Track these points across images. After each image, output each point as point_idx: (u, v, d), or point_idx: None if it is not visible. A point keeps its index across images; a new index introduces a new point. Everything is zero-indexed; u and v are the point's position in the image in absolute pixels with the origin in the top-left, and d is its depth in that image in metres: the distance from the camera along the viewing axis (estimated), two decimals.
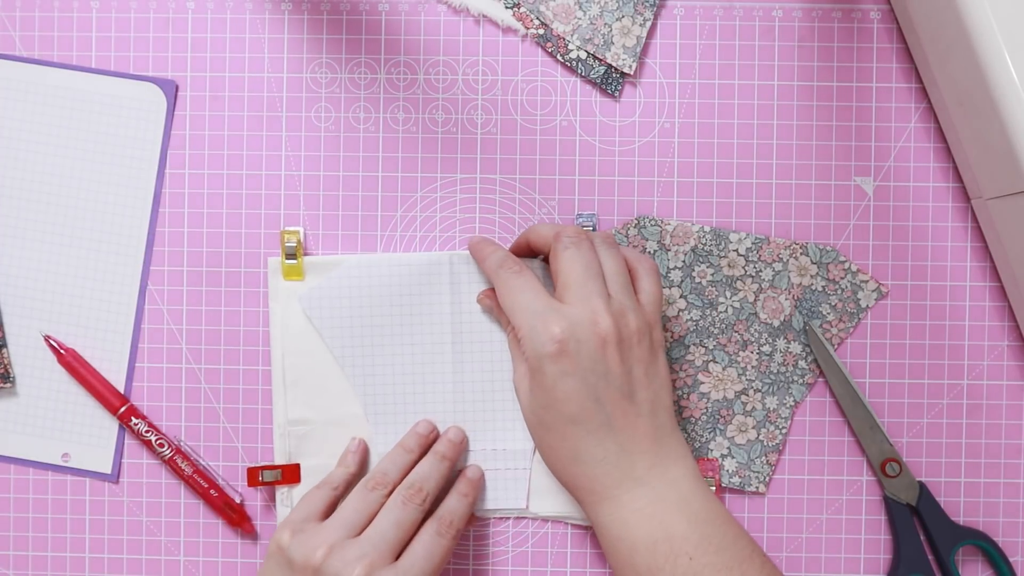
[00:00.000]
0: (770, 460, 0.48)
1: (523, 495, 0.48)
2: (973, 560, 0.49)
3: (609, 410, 0.40)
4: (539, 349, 0.40)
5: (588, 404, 0.40)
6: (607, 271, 0.43)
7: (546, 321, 0.40)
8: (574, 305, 0.41)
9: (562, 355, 0.40)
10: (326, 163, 0.49)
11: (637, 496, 0.40)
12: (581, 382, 0.40)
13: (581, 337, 0.40)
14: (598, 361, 0.40)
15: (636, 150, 0.49)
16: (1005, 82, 0.41)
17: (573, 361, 0.40)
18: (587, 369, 0.40)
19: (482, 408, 0.48)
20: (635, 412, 0.41)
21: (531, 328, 0.41)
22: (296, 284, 0.48)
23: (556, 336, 0.40)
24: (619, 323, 0.41)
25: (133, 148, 0.49)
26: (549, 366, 0.40)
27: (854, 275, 0.48)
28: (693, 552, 0.39)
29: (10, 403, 0.50)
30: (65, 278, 0.49)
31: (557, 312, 0.41)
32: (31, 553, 0.50)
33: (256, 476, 0.47)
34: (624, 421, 0.41)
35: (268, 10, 0.49)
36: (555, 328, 0.40)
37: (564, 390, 0.40)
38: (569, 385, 0.40)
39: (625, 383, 0.41)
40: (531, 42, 0.49)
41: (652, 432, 0.41)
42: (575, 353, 0.40)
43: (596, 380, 0.40)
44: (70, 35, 0.49)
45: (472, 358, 0.48)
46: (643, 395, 0.41)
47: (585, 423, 0.40)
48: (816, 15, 0.49)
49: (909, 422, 0.49)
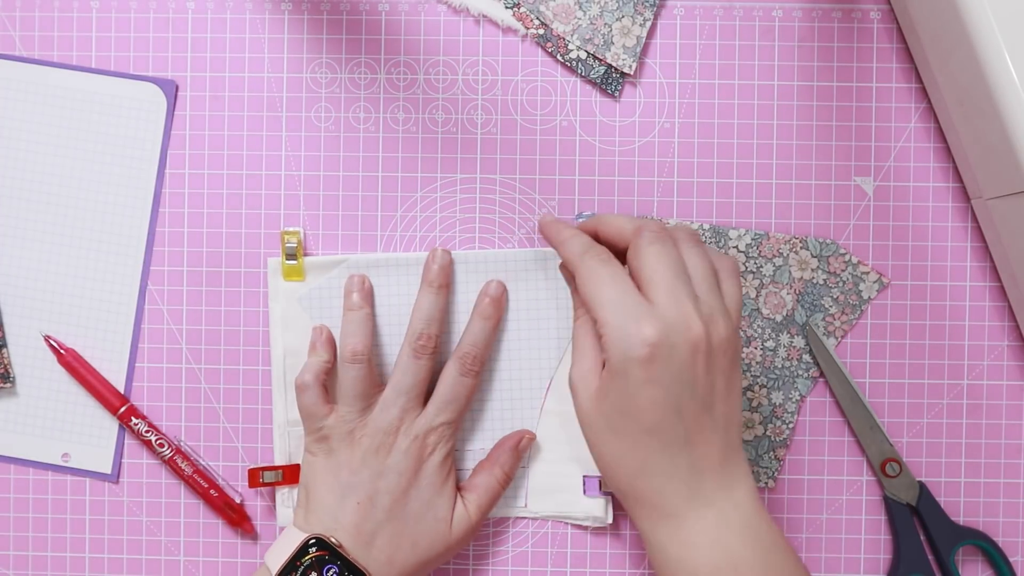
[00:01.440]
0: (778, 455, 0.48)
1: (522, 495, 0.49)
2: (973, 560, 0.49)
3: (688, 424, 0.38)
4: (629, 351, 0.37)
5: (669, 416, 0.38)
6: (694, 272, 0.39)
7: (639, 321, 0.37)
8: (666, 307, 0.37)
9: (653, 361, 0.37)
10: (326, 163, 0.49)
11: (702, 516, 0.38)
12: (666, 392, 0.37)
13: (675, 343, 0.37)
14: (686, 370, 0.38)
15: (636, 150, 0.49)
16: (1005, 82, 0.41)
17: (663, 369, 0.37)
18: (674, 379, 0.37)
19: (480, 408, 0.48)
20: (711, 427, 0.39)
21: (621, 327, 0.37)
22: (296, 284, 0.48)
23: (649, 339, 0.37)
24: (709, 329, 0.38)
25: (133, 148, 0.49)
26: (636, 371, 0.37)
27: (855, 267, 0.48)
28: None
29: (10, 403, 0.50)
30: (65, 278, 0.49)
31: (651, 313, 0.37)
32: (31, 553, 0.50)
33: (257, 477, 0.47)
34: (700, 437, 0.38)
35: (268, 10, 0.49)
36: (648, 330, 0.37)
37: (648, 398, 0.37)
38: (654, 393, 0.37)
39: (707, 395, 0.38)
40: (531, 42, 0.49)
41: (723, 451, 0.39)
42: (666, 360, 0.37)
43: (681, 390, 0.38)
44: (70, 35, 0.49)
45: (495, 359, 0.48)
46: (720, 409, 0.39)
47: (661, 435, 0.38)
48: (816, 15, 0.49)
49: (909, 422, 0.49)
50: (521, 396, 0.48)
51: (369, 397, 0.45)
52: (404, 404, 0.44)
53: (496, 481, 0.47)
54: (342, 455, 0.44)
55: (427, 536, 0.44)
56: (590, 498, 0.48)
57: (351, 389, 0.45)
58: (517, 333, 0.48)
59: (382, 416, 0.44)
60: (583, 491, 0.48)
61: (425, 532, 0.44)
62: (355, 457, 0.44)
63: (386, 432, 0.44)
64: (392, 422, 0.44)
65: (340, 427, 0.45)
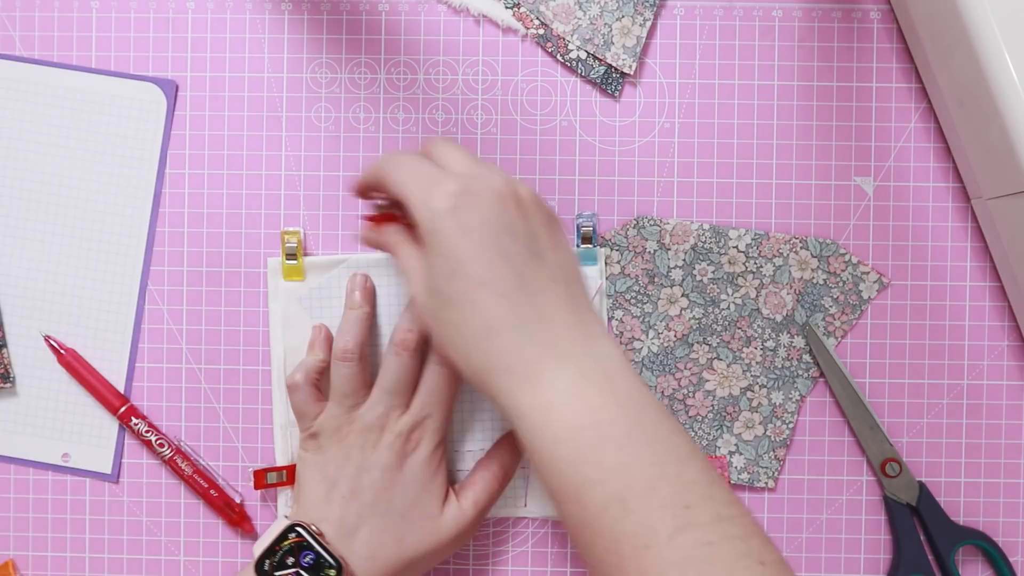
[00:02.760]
0: (778, 455, 0.48)
1: (522, 495, 0.48)
2: (973, 560, 0.49)
3: (520, 268, 0.37)
4: (434, 206, 0.37)
5: (495, 260, 0.36)
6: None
7: (439, 181, 0.37)
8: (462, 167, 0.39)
9: (460, 208, 0.37)
10: (326, 163, 0.49)
11: (560, 373, 0.36)
12: (483, 236, 0.36)
13: (477, 190, 0.37)
14: (498, 214, 0.37)
15: (636, 150, 0.49)
16: (1005, 82, 0.41)
17: (472, 213, 0.37)
18: (488, 222, 0.37)
19: (479, 408, 0.48)
20: (549, 276, 0.37)
21: (423, 190, 0.37)
22: (296, 284, 0.48)
23: (450, 190, 0.37)
24: (512, 184, 0.38)
25: (133, 148, 0.49)
26: (447, 223, 0.37)
27: (855, 267, 0.48)
28: (622, 440, 0.34)
29: (10, 403, 0.50)
30: (65, 278, 0.49)
31: (448, 173, 0.38)
32: (31, 553, 0.50)
33: (263, 479, 0.47)
34: (538, 283, 0.37)
35: (268, 10, 0.49)
36: (448, 185, 0.37)
37: (467, 247, 0.36)
38: (473, 240, 0.36)
39: (532, 242, 0.37)
40: (531, 42, 0.49)
41: (568, 301, 0.37)
42: (474, 206, 0.37)
43: (499, 233, 0.37)
44: (70, 35, 0.49)
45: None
46: (552, 259, 0.38)
47: (495, 284, 0.36)
48: (816, 15, 0.49)
49: (909, 422, 0.49)
50: None
51: (358, 395, 0.45)
52: (389, 402, 0.44)
53: (493, 477, 0.46)
54: (330, 451, 0.44)
55: (413, 533, 0.44)
56: None
57: (341, 387, 0.45)
58: None
59: (369, 413, 0.44)
60: None
61: (412, 529, 0.44)
62: (341, 453, 0.44)
63: (372, 429, 0.44)
64: (378, 419, 0.44)
65: (329, 424, 0.44)
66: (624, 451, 0.34)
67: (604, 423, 0.35)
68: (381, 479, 0.43)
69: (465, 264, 0.37)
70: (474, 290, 0.37)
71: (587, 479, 0.34)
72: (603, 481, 0.34)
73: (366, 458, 0.44)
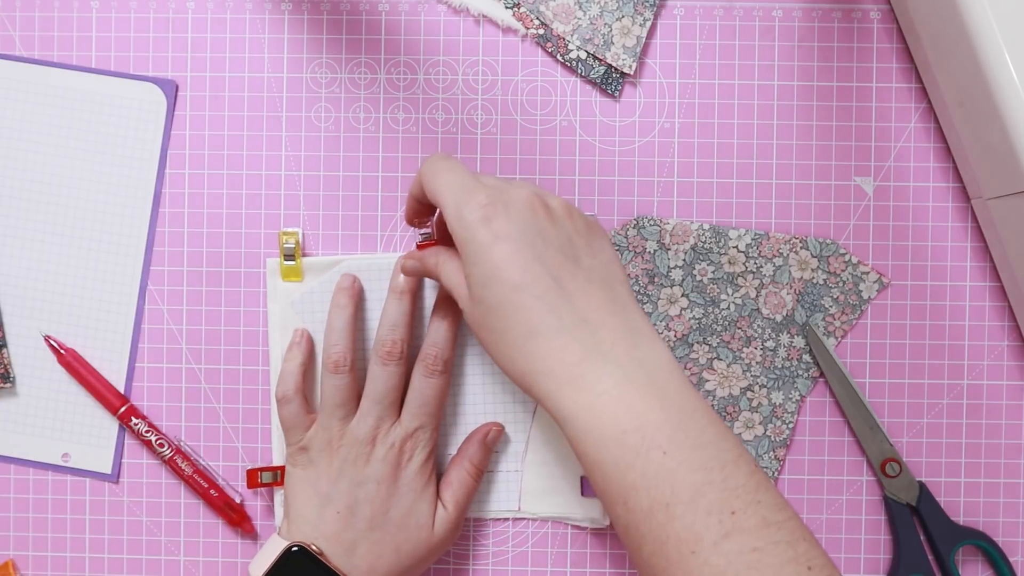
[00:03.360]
0: (778, 455, 0.48)
1: (515, 498, 0.48)
2: (973, 560, 0.49)
3: (556, 272, 0.37)
4: (467, 218, 0.38)
5: (530, 265, 0.37)
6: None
7: (471, 192, 0.38)
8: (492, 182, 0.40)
9: (491, 219, 0.37)
10: (326, 163, 0.49)
11: (602, 376, 0.36)
12: (516, 243, 0.37)
13: (507, 200, 0.38)
14: (529, 222, 0.38)
15: (636, 150, 0.49)
16: (1005, 82, 0.41)
17: (503, 222, 0.37)
18: (520, 229, 0.37)
19: (474, 410, 0.48)
20: (584, 277, 0.38)
21: (456, 201, 0.38)
22: (295, 285, 0.48)
23: (482, 202, 0.38)
24: (539, 194, 0.39)
25: (133, 148, 0.49)
26: (480, 232, 0.37)
27: (855, 267, 0.48)
28: (667, 445, 0.34)
29: (10, 403, 0.50)
30: (65, 278, 0.49)
31: (481, 184, 0.39)
32: (31, 553, 0.50)
33: (256, 478, 0.47)
34: (575, 285, 0.37)
35: (268, 10, 0.49)
36: (479, 196, 0.38)
37: (501, 255, 0.37)
38: (505, 248, 0.37)
39: (565, 247, 0.38)
40: (531, 42, 0.49)
41: (609, 303, 0.38)
42: (504, 215, 0.37)
43: (532, 239, 0.37)
44: (70, 35, 0.49)
45: (466, 360, 0.48)
46: (589, 262, 0.38)
47: (531, 287, 0.37)
48: (816, 15, 0.49)
49: (909, 422, 0.49)
50: (514, 399, 0.48)
51: (350, 406, 0.45)
52: (379, 413, 0.44)
53: (467, 474, 0.46)
54: (321, 466, 0.44)
55: (410, 541, 0.44)
56: (588, 499, 0.48)
57: (332, 398, 0.44)
58: None
59: (359, 426, 0.44)
60: (581, 492, 0.48)
61: (408, 538, 0.44)
62: (333, 468, 0.44)
63: (363, 442, 0.44)
64: (369, 431, 0.44)
65: (320, 437, 0.44)
66: (669, 456, 0.34)
67: (648, 427, 0.35)
68: (377, 492, 0.44)
69: (500, 270, 0.37)
70: (512, 294, 0.37)
71: (632, 484, 0.35)
72: (648, 486, 0.34)
73: (360, 472, 0.44)
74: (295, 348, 0.47)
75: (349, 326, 0.46)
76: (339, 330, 0.46)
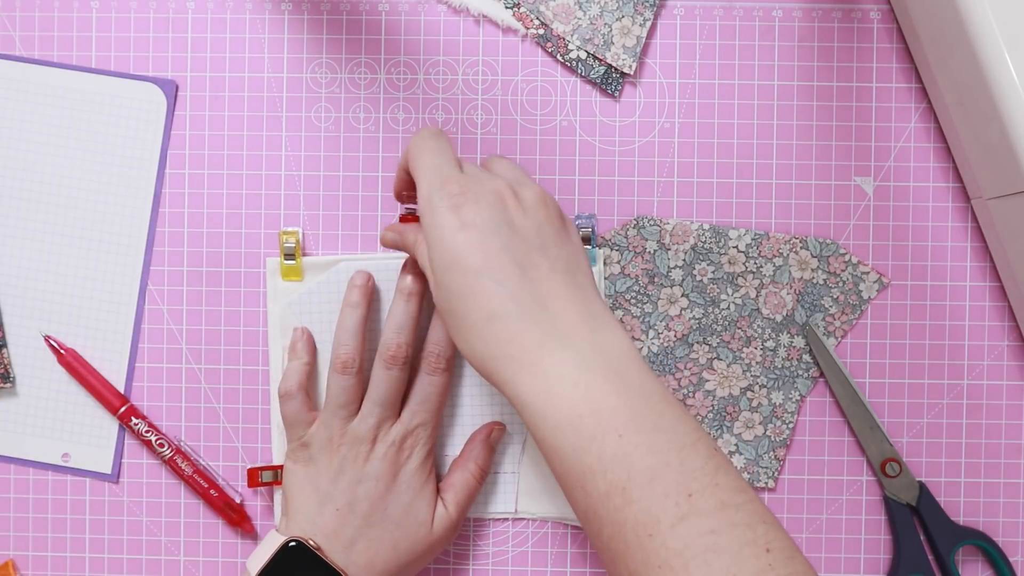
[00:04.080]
0: (778, 455, 0.48)
1: (511, 499, 0.48)
2: (973, 560, 0.49)
3: (519, 258, 0.37)
4: (436, 204, 0.38)
5: (494, 252, 0.37)
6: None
7: (445, 179, 0.39)
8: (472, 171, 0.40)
9: (460, 207, 0.38)
10: (326, 163, 0.49)
11: (559, 361, 0.36)
12: (482, 230, 0.37)
13: (479, 191, 0.38)
14: (498, 210, 0.38)
15: (636, 150, 0.49)
16: (1005, 82, 0.41)
17: (472, 211, 0.38)
18: (488, 219, 0.38)
19: (470, 413, 0.48)
20: (549, 267, 0.38)
21: (431, 185, 0.39)
22: (295, 284, 0.48)
23: (453, 191, 0.38)
24: (515, 188, 0.39)
25: (133, 148, 0.49)
26: (446, 218, 0.38)
27: (855, 267, 0.48)
28: (623, 429, 0.34)
29: (10, 403, 0.50)
30: (65, 278, 0.49)
31: (457, 173, 0.39)
32: (31, 553, 0.50)
33: (256, 477, 0.47)
34: (537, 272, 0.38)
35: (268, 10, 0.49)
36: (452, 185, 0.38)
37: (466, 240, 0.37)
38: (471, 235, 0.37)
39: (533, 236, 0.38)
40: (531, 42, 0.49)
41: (573, 291, 0.38)
42: (474, 204, 0.38)
43: (498, 227, 0.38)
44: (70, 35, 0.49)
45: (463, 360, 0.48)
46: (555, 251, 0.39)
47: (494, 273, 0.37)
48: (816, 15, 0.49)
49: (909, 422, 0.49)
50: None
51: (354, 406, 0.45)
52: (380, 414, 0.44)
53: (471, 476, 0.46)
54: (321, 463, 0.44)
55: (408, 539, 0.44)
56: None
57: (338, 398, 0.44)
58: None
59: (360, 425, 0.44)
60: None
61: (406, 535, 0.44)
62: (333, 465, 0.44)
63: (363, 440, 0.44)
64: (369, 431, 0.44)
65: (321, 434, 0.44)
66: (625, 440, 0.34)
67: (604, 412, 0.35)
68: (376, 489, 0.44)
69: (463, 256, 0.37)
70: (473, 280, 0.37)
71: (590, 468, 0.35)
72: (605, 470, 0.34)
73: (359, 470, 0.44)
74: (299, 346, 0.47)
75: (360, 327, 0.46)
76: (350, 331, 0.45)
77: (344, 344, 0.45)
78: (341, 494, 0.44)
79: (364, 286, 0.46)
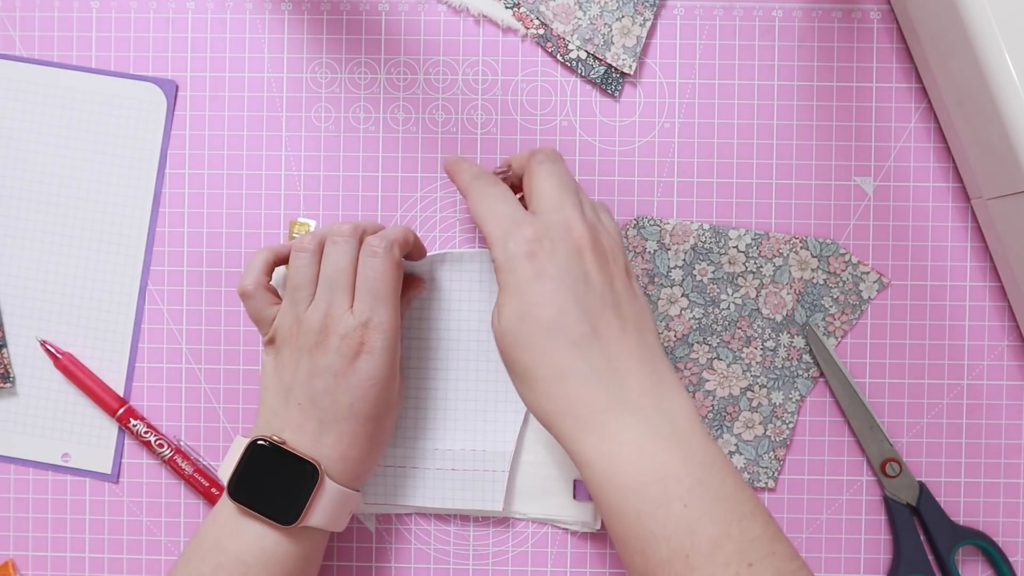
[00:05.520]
0: (778, 455, 0.48)
1: (500, 498, 0.48)
2: (973, 560, 0.49)
3: (592, 318, 0.37)
4: (511, 250, 0.38)
5: (568, 309, 0.37)
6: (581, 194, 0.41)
7: (520, 225, 0.38)
8: (549, 213, 0.39)
9: (535, 255, 0.37)
10: (326, 163, 0.49)
11: (626, 426, 0.36)
12: (558, 284, 0.37)
13: (555, 238, 0.38)
14: (575, 264, 0.38)
15: (636, 150, 0.49)
16: (1005, 82, 0.41)
17: (548, 261, 0.37)
18: (564, 271, 0.37)
19: (463, 408, 0.48)
20: (620, 326, 0.38)
21: (503, 232, 0.38)
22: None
23: (528, 237, 0.38)
24: (595, 234, 0.39)
25: (133, 148, 0.49)
26: (523, 268, 0.37)
27: (855, 267, 0.48)
28: (688, 498, 0.35)
29: (10, 403, 0.50)
30: (65, 278, 0.49)
31: (532, 218, 0.39)
32: (31, 553, 0.50)
33: None
34: (609, 332, 0.37)
35: (268, 10, 0.49)
36: (527, 231, 0.38)
37: (540, 292, 0.37)
38: (546, 287, 0.37)
39: (607, 292, 0.38)
40: (531, 42, 0.49)
41: (642, 352, 0.38)
42: (550, 254, 0.37)
43: (574, 283, 0.37)
44: (70, 35, 0.49)
45: (458, 356, 0.48)
46: (628, 310, 0.38)
47: (566, 331, 0.37)
48: (816, 15, 0.49)
49: (909, 422, 0.49)
50: (506, 398, 0.48)
51: (311, 288, 0.43)
52: (330, 298, 0.42)
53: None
54: (284, 354, 0.43)
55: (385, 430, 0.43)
56: (580, 502, 0.48)
57: (294, 278, 0.43)
58: None
59: (313, 313, 0.42)
60: (573, 495, 0.48)
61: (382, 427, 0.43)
62: (294, 358, 0.42)
63: (316, 330, 0.42)
64: (321, 319, 0.42)
65: (284, 324, 0.43)
66: (689, 509, 0.35)
67: (669, 480, 0.35)
68: (335, 384, 0.41)
69: (537, 308, 0.37)
70: (545, 335, 0.37)
71: (652, 533, 0.35)
72: (669, 537, 0.35)
73: (316, 362, 0.42)
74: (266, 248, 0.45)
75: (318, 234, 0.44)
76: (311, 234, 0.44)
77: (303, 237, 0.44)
78: (300, 387, 0.42)
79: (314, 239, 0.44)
